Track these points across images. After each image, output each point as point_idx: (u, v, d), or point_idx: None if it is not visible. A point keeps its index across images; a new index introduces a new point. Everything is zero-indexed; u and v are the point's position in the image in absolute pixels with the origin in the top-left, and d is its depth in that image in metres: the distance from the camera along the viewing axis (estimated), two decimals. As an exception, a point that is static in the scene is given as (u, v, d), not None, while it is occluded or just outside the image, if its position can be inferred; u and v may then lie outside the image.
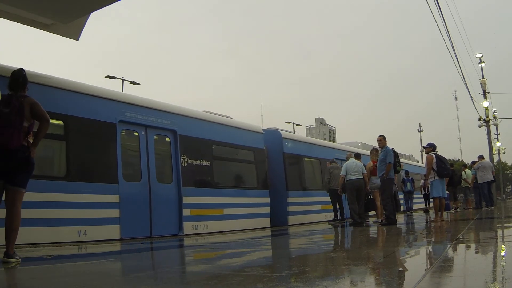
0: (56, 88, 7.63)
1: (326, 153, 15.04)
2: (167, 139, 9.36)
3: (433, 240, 6.63)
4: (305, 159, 14.03)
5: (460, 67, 17.54)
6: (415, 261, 4.48)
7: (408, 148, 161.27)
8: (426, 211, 18.37)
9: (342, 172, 11.14)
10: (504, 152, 41.60)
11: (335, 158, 15.39)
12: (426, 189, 17.04)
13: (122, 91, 24.27)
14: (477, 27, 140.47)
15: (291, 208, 12.52)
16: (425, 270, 3.54)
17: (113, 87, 25.67)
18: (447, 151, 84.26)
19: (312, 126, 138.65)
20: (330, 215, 14.39)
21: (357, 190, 10.86)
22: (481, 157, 16.83)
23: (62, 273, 4.22)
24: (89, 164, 7.92)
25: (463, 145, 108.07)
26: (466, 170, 17.81)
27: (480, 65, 24.82)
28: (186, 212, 9.20)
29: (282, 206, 12.41)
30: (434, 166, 9.91)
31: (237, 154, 11.39)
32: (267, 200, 11.66)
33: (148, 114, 8.95)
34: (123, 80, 28.75)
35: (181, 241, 8.36)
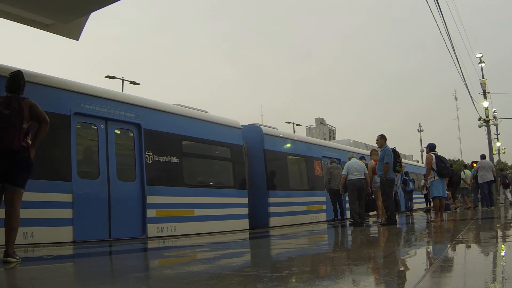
0: (2, 76, 6.92)
1: (313, 151, 14.34)
2: (130, 134, 8.67)
3: (433, 240, 6.62)
4: (289, 156, 13.30)
5: (460, 67, 17.72)
6: (415, 261, 4.52)
7: (408, 148, 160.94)
8: (426, 211, 18.35)
9: (344, 172, 11.19)
10: (504, 152, 41.49)
11: (323, 156, 14.76)
12: (426, 189, 17.16)
13: (122, 91, 23.63)
14: (477, 27, 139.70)
15: (272, 209, 11.80)
16: (425, 270, 3.55)
17: (113, 87, 25.35)
18: (447, 151, 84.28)
19: (312, 126, 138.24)
20: (316, 216, 13.80)
21: (358, 190, 10.91)
22: (482, 157, 16.80)
23: (62, 273, 4.27)
24: (37, 159, 7.17)
25: (463, 145, 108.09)
26: (466, 170, 17.87)
27: (480, 65, 24.83)
28: (151, 212, 8.51)
29: (262, 206, 11.72)
30: (434, 166, 9.92)
31: (211, 151, 10.65)
32: (245, 200, 10.94)
33: (109, 106, 8.27)
34: (123, 80, 28.86)
35: (141, 244, 7.73)
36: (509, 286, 2.68)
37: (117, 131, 8.48)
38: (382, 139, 10.25)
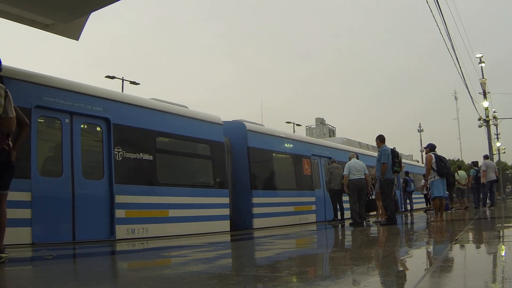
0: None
1: (302, 149, 13.84)
2: (98, 129, 8.18)
3: (433, 240, 6.70)
4: (275, 154, 12.81)
5: (460, 67, 17.75)
6: (415, 261, 4.54)
7: (408, 148, 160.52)
8: (426, 211, 18.53)
9: (345, 172, 11.40)
10: (504, 152, 41.57)
11: (313, 154, 14.29)
12: (427, 189, 17.43)
13: (122, 91, 23.30)
14: (477, 27, 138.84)
15: (256, 210, 11.32)
16: (425, 270, 3.58)
17: (113, 87, 25.24)
18: (447, 151, 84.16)
19: (312, 126, 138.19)
20: (305, 217, 13.35)
21: (359, 190, 11.07)
22: (486, 157, 17.23)
23: (62, 273, 4.25)
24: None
25: (463, 145, 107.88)
26: (459, 171, 18.12)
27: (480, 65, 24.85)
28: (120, 213, 8.05)
29: (246, 207, 11.24)
30: (434, 166, 10.08)
31: (189, 148, 10.16)
32: (226, 200, 10.45)
33: (75, 99, 7.80)
34: (123, 80, 29.23)
35: (108, 247, 7.30)
36: (509, 286, 2.68)
37: (83, 126, 8.03)
38: (378, 140, 10.42)
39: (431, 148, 10.72)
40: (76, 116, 7.78)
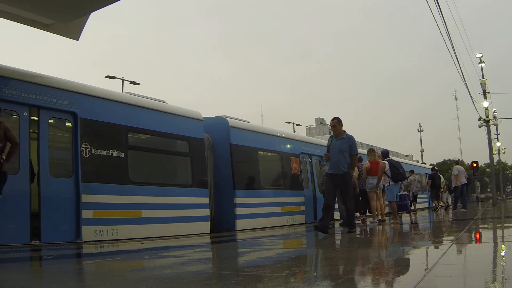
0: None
1: (290, 146, 13.45)
2: (64, 123, 7.76)
3: (432, 240, 6.80)
4: (261, 152, 12.40)
5: (460, 67, 17.85)
6: (415, 261, 4.55)
7: (408, 148, 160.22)
8: (412, 211, 18.59)
9: None
10: (504, 152, 41.67)
11: (302, 152, 13.90)
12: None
13: (122, 91, 23.02)
14: (477, 27, 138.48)
15: (239, 210, 10.90)
16: (425, 270, 3.61)
17: (113, 87, 25.01)
18: (447, 151, 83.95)
19: (312, 126, 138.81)
20: (293, 218, 12.98)
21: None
22: (456, 162, 18.92)
23: (62, 273, 4.27)
24: None
25: (463, 145, 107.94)
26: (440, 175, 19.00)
27: (480, 65, 24.85)
28: (87, 213, 7.65)
29: (228, 207, 10.82)
30: (388, 173, 10.68)
31: (165, 144, 9.75)
32: (205, 200, 10.04)
33: (38, 91, 7.42)
34: (123, 80, 29.45)
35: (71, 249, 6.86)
36: (509, 286, 2.72)
37: (49, 121, 7.60)
38: (339, 124, 8.35)
39: (384, 155, 11.20)
40: (39, 110, 7.36)
